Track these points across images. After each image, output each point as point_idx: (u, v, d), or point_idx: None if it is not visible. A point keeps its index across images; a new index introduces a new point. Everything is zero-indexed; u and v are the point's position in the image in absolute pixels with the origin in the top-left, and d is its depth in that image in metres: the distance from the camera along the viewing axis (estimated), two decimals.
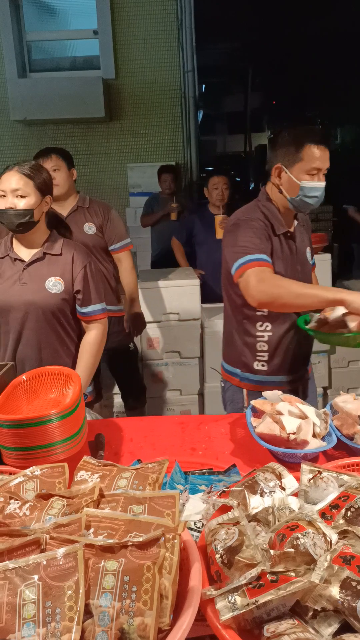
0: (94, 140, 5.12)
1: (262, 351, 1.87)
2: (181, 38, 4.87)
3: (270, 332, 1.85)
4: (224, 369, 2.05)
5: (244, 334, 1.89)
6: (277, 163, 1.74)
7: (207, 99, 11.95)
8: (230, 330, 1.96)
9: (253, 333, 1.87)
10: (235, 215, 1.84)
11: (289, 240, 1.82)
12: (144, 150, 5.17)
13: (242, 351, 1.91)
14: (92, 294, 1.90)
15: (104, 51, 4.92)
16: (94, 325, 1.93)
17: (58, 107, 4.66)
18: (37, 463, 1.15)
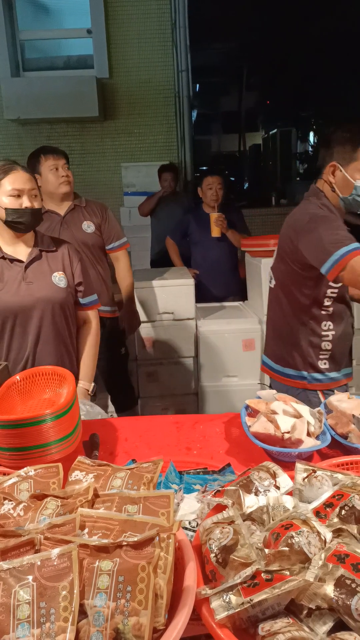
0: (88, 139, 5.12)
1: (325, 350, 1.89)
2: (175, 37, 4.87)
3: (333, 331, 1.88)
4: (282, 374, 1.99)
5: (310, 334, 1.89)
6: (332, 161, 1.74)
7: (201, 99, 11.97)
8: (292, 333, 1.93)
9: (319, 333, 1.88)
10: (301, 216, 1.80)
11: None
12: (138, 149, 5.17)
13: (307, 352, 1.91)
14: (89, 284, 2.00)
15: (98, 50, 4.92)
16: (92, 315, 2.03)
17: (52, 106, 4.66)
18: (31, 463, 1.14)
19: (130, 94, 5.03)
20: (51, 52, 5.30)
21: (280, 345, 2.00)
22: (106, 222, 2.72)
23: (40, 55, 5.26)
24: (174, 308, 3.21)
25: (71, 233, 2.60)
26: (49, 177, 2.50)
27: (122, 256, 2.82)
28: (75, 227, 2.62)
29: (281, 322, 1.97)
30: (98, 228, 2.68)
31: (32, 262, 1.84)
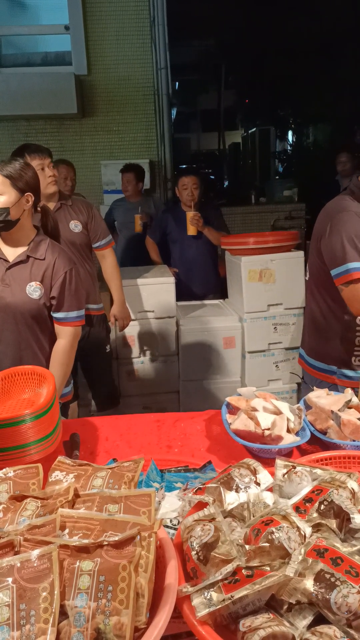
0: (66, 136, 5.07)
1: (358, 346, 1.86)
2: (154, 35, 4.85)
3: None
4: (312, 366, 1.99)
5: (345, 329, 1.86)
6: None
7: (180, 97, 11.96)
8: (323, 324, 1.92)
9: (354, 329, 1.85)
10: (332, 208, 1.80)
11: None
12: (117, 147, 5.14)
13: (339, 347, 1.88)
14: (68, 300, 1.87)
15: (76, 47, 4.87)
16: (65, 332, 1.90)
17: (29, 103, 4.60)
18: (10, 464, 1.13)
19: (109, 91, 5.00)
20: (28, 49, 5.24)
21: (315, 337, 1.99)
22: (92, 220, 2.70)
23: (17, 51, 5.19)
24: (154, 306, 3.21)
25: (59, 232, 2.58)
26: None
27: (108, 254, 2.81)
28: (62, 226, 2.59)
29: (317, 315, 1.96)
30: (85, 227, 2.67)
31: (16, 264, 1.82)
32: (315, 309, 1.96)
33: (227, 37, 8.89)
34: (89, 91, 4.98)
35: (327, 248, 1.74)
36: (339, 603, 0.70)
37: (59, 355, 1.89)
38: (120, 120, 5.08)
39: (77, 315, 1.91)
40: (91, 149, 5.12)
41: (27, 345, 1.87)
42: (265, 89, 10.69)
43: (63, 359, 1.89)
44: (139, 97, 5.04)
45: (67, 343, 1.89)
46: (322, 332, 1.94)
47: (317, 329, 1.97)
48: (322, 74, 9.11)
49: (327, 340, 1.92)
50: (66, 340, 1.90)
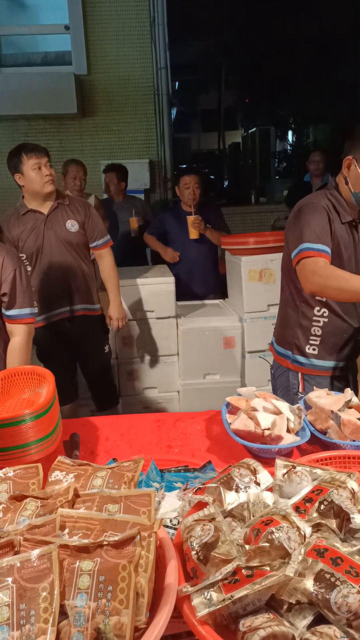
0: (66, 136, 5.07)
1: (315, 335, 1.92)
2: (154, 34, 4.85)
3: (326, 319, 1.89)
4: (275, 351, 2.08)
5: (302, 316, 1.93)
6: (349, 155, 1.74)
7: (180, 96, 11.96)
8: (287, 312, 2.00)
9: (310, 316, 1.91)
10: (302, 201, 1.86)
11: (354, 229, 1.84)
12: (117, 147, 5.14)
13: (296, 333, 1.95)
14: (19, 297, 1.88)
15: (76, 47, 4.87)
16: (18, 329, 1.89)
17: (29, 102, 4.61)
18: (10, 464, 1.13)
19: (109, 90, 5.00)
20: (28, 48, 5.24)
21: (279, 324, 2.08)
22: (89, 220, 2.69)
23: (17, 51, 5.19)
24: (154, 306, 3.21)
25: (55, 232, 2.58)
26: (33, 176, 2.46)
27: (106, 254, 2.80)
28: (59, 226, 2.60)
29: (282, 304, 2.05)
30: (82, 226, 2.66)
31: None
32: (282, 299, 2.04)
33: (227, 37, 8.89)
34: (89, 91, 4.98)
35: (291, 237, 1.82)
36: (339, 603, 0.70)
37: (16, 352, 1.89)
38: (120, 120, 5.08)
39: (30, 312, 1.92)
40: (91, 148, 5.12)
41: None
42: (265, 88, 10.70)
43: (20, 356, 1.89)
44: (139, 97, 5.05)
45: (22, 340, 1.89)
46: (284, 318, 2.03)
47: (282, 316, 2.05)
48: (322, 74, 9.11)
49: (288, 326, 1.99)
50: (21, 337, 1.89)
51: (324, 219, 1.76)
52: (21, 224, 2.55)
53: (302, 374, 1.96)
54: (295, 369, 1.97)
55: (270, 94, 10.86)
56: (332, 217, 1.78)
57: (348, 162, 1.75)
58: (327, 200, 1.81)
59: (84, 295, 2.72)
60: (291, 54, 8.80)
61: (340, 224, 1.80)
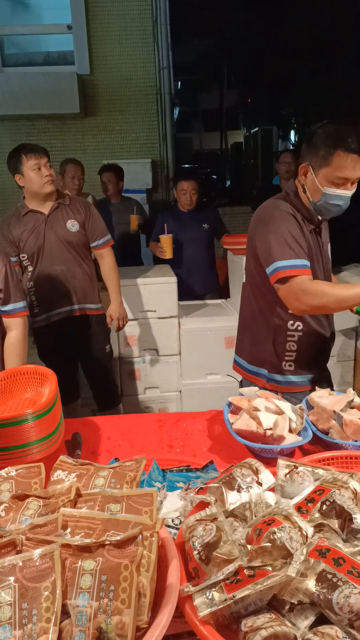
0: (69, 136, 5.07)
1: (290, 350, 1.82)
2: (156, 34, 4.85)
3: (301, 332, 1.80)
4: (246, 371, 1.95)
5: (275, 332, 1.82)
6: (306, 161, 1.63)
7: (182, 96, 11.97)
8: (257, 328, 1.87)
9: (284, 331, 1.81)
10: (266, 208, 1.75)
11: (317, 235, 1.77)
12: (119, 146, 5.14)
13: (270, 350, 1.84)
14: (13, 291, 1.90)
15: (79, 46, 4.88)
16: (15, 323, 1.92)
17: (32, 102, 4.61)
18: (12, 463, 1.13)
19: (112, 90, 5.00)
20: (31, 48, 5.24)
21: (247, 341, 1.95)
22: (90, 219, 2.70)
23: (19, 51, 5.20)
24: (156, 306, 3.21)
25: (55, 232, 2.58)
26: (32, 177, 2.46)
27: (106, 253, 2.81)
28: (60, 226, 2.60)
29: (249, 319, 1.92)
30: (82, 226, 2.67)
31: None
32: (248, 312, 1.92)
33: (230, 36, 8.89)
34: (91, 91, 4.98)
35: (261, 248, 1.70)
36: (340, 603, 0.69)
37: (14, 346, 1.91)
38: (122, 120, 5.08)
39: (24, 306, 1.95)
40: (93, 148, 5.12)
41: None
42: (268, 88, 10.69)
43: (18, 349, 1.91)
44: (141, 96, 5.05)
45: (19, 333, 1.92)
46: (253, 335, 1.90)
47: (251, 332, 1.92)
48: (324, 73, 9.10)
49: (259, 343, 1.87)
50: (18, 331, 1.92)
51: (297, 228, 1.67)
52: (22, 224, 2.56)
53: (281, 393, 1.83)
54: (272, 388, 1.83)
55: (272, 93, 10.86)
56: (301, 224, 1.69)
57: (304, 169, 1.65)
58: (290, 206, 1.71)
59: (84, 295, 2.73)
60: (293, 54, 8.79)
61: (307, 230, 1.72)
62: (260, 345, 1.87)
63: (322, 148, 1.57)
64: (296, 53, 8.74)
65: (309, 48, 8.56)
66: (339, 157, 1.54)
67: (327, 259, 1.86)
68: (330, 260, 1.89)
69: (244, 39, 8.72)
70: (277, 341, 1.83)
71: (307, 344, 1.82)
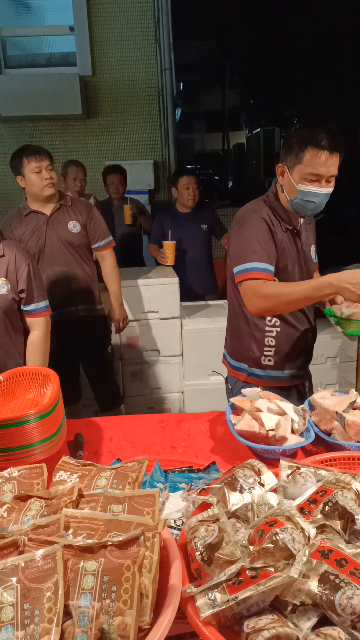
0: (71, 137, 5.08)
1: (269, 346, 1.87)
2: (158, 35, 4.85)
3: (279, 328, 1.85)
4: (229, 365, 2.01)
5: (254, 328, 1.87)
6: (282, 162, 1.70)
7: (185, 97, 11.97)
8: (237, 324, 1.93)
9: (262, 328, 1.86)
10: (242, 210, 1.82)
11: (296, 237, 1.81)
12: (122, 147, 5.14)
13: (249, 346, 1.89)
14: (36, 291, 1.93)
15: (81, 48, 4.88)
16: (37, 323, 1.95)
17: (34, 103, 4.61)
18: (15, 464, 1.13)
19: (114, 91, 5.00)
20: (33, 49, 5.25)
21: (229, 336, 2.02)
22: (92, 221, 2.70)
23: (22, 52, 5.20)
24: (158, 307, 3.21)
25: (57, 233, 2.59)
26: (32, 179, 2.47)
27: (108, 255, 2.81)
28: (61, 227, 2.60)
29: (231, 314, 1.98)
30: (84, 227, 2.67)
31: None
32: (231, 309, 1.97)
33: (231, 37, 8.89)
34: (94, 92, 4.98)
35: (232, 250, 1.78)
36: (343, 604, 0.69)
37: (36, 346, 1.94)
38: (124, 121, 5.08)
39: (45, 306, 1.97)
40: (95, 149, 5.12)
41: (2, 345, 1.88)
42: (269, 89, 10.68)
43: (40, 349, 1.94)
44: (144, 97, 5.05)
45: (41, 333, 1.95)
46: (235, 331, 1.96)
47: (232, 328, 1.99)
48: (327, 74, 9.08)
49: (240, 339, 1.93)
50: (40, 330, 1.95)
51: (266, 233, 1.72)
52: (23, 224, 2.56)
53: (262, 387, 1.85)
54: (254, 382, 1.90)
55: (274, 94, 10.85)
56: (273, 228, 1.74)
57: (281, 169, 1.72)
58: (267, 208, 1.77)
59: (85, 296, 2.73)
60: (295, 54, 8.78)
61: (282, 232, 1.76)
62: (241, 341, 1.93)
63: (295, 147, 1.64)
64: (298, 53, 8.73)
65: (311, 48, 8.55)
66: (310, 154, 1.61)
67: (309, 259, 1.90)
68: (312, 261, 1.92)
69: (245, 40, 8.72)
70: (255, 337, 1.88)
71: (286, 340, 1.87)
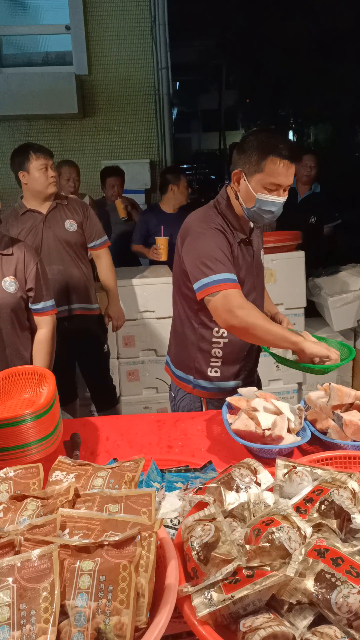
0: (67, 136, 5.07)
1: (216, 357, 1.79)
2: (155, 35, 4.85)
3: (226, 339, 1.77)
4: (174, 375, 1.92)
5: (200, 339, 1.78)
6: (238, 168, 1.61)
7: (181, 97, 11.97)
8: (183, 332, 1.83)
9: (209, 339, 1.77)
10: (194, 220, 1.71)
11: (247, 246, 1.74)
12: (118, 147, 5.14)
13: (195, 357, 1.81)
14: (44, 290, 1.95)
15: (77, 47, 4.87)
16: (45, 321, 1.97)
17: (30, 102, 4.60)
18: (11, 464, 1.13)
19: (110, 91, 5.00)
20: (29, 48, 5.23)
21: (174, 344, 1.93)
22: (88, 220, 2.71)
23: (18, 51, 5.19)
24: (155, 306, 3.21)
25: (53, 232, 2.59)
26: (38, 176, 2.48)
27: (104, 254, 2.82)
28: (58, 225, 2.60)
29: (177, 322, 1.88)
30: (80, 226, 2.68)
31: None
32: (176, 317, 1.88)
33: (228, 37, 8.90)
34: (90, 91, 4.98)
35: (190, 263, 1.65)
36: (339, 603, 0.70)
37: (43, 343, 1.96)
38: (120, 120, 5.08)
39: (52, 305, 2.00)
40: (92, 149, 5.12)
41: (10, 343, 1.89)
42: (266, 88, 10.70)
43: (47, 347, 1.97)
44: (140, 97, 5.04)
45: (48, 331, 1.97)
46: (180, 340, 1.86)
47: (177, 337, 1.89)
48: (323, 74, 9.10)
49: (186, 348, 1.83)
50: (48, 329, 1.97)
51: (224, 242, 1.63)
52: (19, 223, 2.56)
53: (205, 400, 1.83)
54: (199, 394, 1.83)
55: (270, 94, 10.87)
56: (230, 239, 1.66)
57: (237, 175, 1.62)
58: (220, 218, 1.67)
59: (82, 295, 2.73)
60: (292, 54, 8.80)
61: (236, 242, 1.68)
62: (186, 351, 1.84)
63: (254, 155, 1.57)
64: (295, 53, 8.75)
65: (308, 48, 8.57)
66: (271, 163, 1.54)
67: (260, 267, 1.84)
68: (262, 268, 1.87)
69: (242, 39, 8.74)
70: (202, 348, 1.79)
71: (232, 350, 1.79)
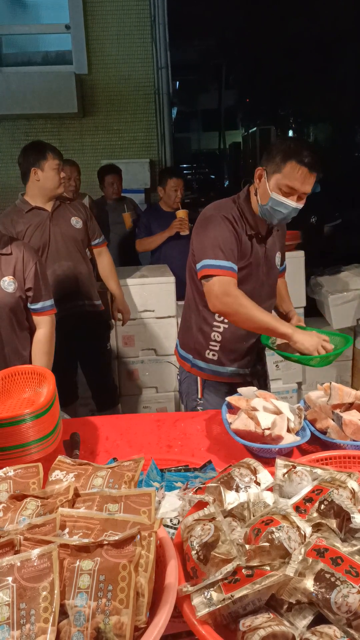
0: (67, 136, 5.06)
1: (215, 341, 1.89)
2: (154, 34, 4.84)
3: (227, 325, 1.85)
4: (179, 354, 2.05)
5: (202, 321, 1.89)
6: (262, 166, 1.70)
7: (181, 96, 11.97)
8: (189, 315, 1.96)
9: (210, 322, 1.88)
10: (210, 208, 1.81)
11: (260, 243, 1.81)
12: (117, 146, 5.14)
13: (196, 337, 1.92)
14: (43, 290, 1.94)
15: (77, 46, 4.87)
16: (44, 321, 1.96)
17: (30, 102, 4.60)
18: (10, 463, 1.13)
19: (110, 90, 4.99)
20: (29, 48, 5.23)
21: (182, 326, 2.05)
22: (90, 218, 2.76)
23: (17, 50, 5.18)
24: (154, 306, 3.21)
25: (60, 228, 2.60)
26: (51, 176, 2.50)
27: (104, 252, 2.88)
28: (65, 222, 2.62)
29: (185, 305, 2.00)
30: (85, 224, 2.71)
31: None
32: (186, 297, 2.00)
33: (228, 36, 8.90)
34: (90, 90, 4.97)
35: (196, 246, 1.77)
36: (339, 603, 0.70)
37: (42, 343, 1.95)
38: (120, 120, 5.08)
39: (51, 304, 1.99)
40: (91, 148, 5.11)
41: (9, 342, 1.89)
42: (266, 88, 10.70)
43: (46, 347, 1.96)
44: (140, 96, 5.04)
45: (47, 331, 1.96)
46: (186, 321, 1.99)
47: (184, 319, 2.02)
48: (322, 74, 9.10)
49: (189, 330, 1.96)
50: (46, 329, 1.96)
51: (230, 233, 1.72)
52: (25, 220, 2.56)
53: (201, 379, 1.93)
54: (195, 373, 1.94)
55: (270, 93, 10.87)
56: (238, 230, 1.74)
57: (259, 172, 1.72)
58: (235, 209, 1.76)
59: (87, 291, 2.75)
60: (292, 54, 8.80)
61: (245, 235, 1.76)
62: (190, 331, 1.95)
63: (278, 156, 1.65)
64: (295, 53, 8.75)
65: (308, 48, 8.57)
66: (291, 167, 1.62)
67: (272, 266, 1.90)
68: (276, 268, 1.94)
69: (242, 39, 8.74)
70: (203, 330, 1.90)
71: (231, 337, 1.88)
